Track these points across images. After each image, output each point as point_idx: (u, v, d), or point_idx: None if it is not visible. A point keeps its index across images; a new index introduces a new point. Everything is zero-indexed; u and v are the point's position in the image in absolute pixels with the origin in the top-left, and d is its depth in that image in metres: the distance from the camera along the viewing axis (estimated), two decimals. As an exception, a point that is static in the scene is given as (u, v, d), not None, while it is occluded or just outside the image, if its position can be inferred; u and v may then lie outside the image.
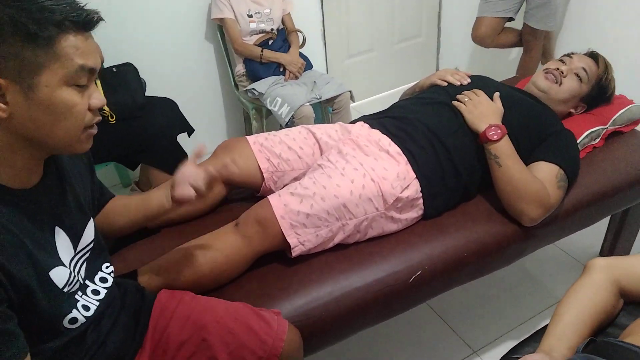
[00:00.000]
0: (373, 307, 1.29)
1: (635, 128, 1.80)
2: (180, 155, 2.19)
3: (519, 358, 0.93)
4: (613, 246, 1.88)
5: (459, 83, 1.65)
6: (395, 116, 1.56)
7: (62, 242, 0.90)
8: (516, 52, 3.13)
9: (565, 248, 2.09)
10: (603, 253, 2.00)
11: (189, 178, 1.08)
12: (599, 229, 1.90)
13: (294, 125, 2.06)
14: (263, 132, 2.21)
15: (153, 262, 1.27)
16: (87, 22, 0.76)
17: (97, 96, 0.81)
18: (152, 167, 2.13)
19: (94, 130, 0.84)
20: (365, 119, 1.62)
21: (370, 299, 1.28)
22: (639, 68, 2.23)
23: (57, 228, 0.89)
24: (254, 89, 2.44)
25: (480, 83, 1.65)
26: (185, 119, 2.30)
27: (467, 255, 1.38)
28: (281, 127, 2.58)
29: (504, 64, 3.32)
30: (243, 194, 1.63)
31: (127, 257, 1.38)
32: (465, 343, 1.75)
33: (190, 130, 2.32)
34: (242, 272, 1.31)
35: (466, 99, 1.53)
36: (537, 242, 1.50)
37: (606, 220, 1.87)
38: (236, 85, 2.68)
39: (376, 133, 1.51)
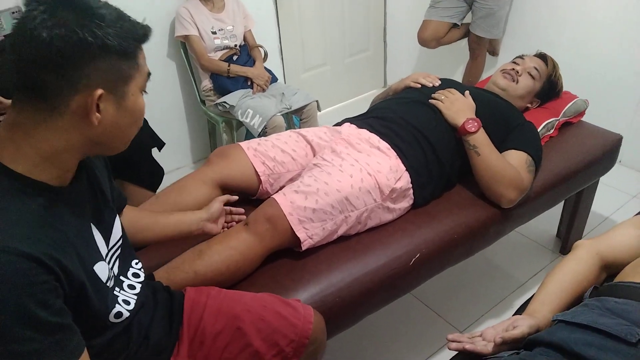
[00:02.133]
0: (381, 289, 1.39)
1: (582, 119, 2.04)
2: (156, 170, 2.20)
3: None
4: (570, 226, 2.09)
5: (431, 85, 1.81)
6: (380, 116, 1.68)
7: (97, 238, 0.92)
8: (459, 62, 3.39)
9: (525, 233, 2.29)
10: (560, 235, 2.22)
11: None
12: (552, 214, 2.11)
13: (267, 135, 2.13)
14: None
15: (168, 265, 1.30)
16: (149, 35, 0.84)
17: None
18: (130, 183, 2.12)
19: None
20: (351, 120, 1.73)
21: (378, 282, 1.38)
22: (571, 67, 2.50)
23: (92, 225, 0.92)
24: (225, 102, 2.49)
25: (450, 84, 1.81)
26: (156, 133, 2.31)
27: (457, 237, 1.52)
28: (247, 138, 2.65)
29: (447, 72, 3.57)
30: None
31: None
32: (452, 325, 1.88)
33: (160, 145, 2.33)
34: (254, 269, 1.36)
35: (442, 97, 1.68)
36: (513, 222, 1.67)
37: (559, 206, 2.09)
38: (202, 101, 2.72)
39: (364, 132, 1.62)
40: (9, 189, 0.76)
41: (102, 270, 0.89)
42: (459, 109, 1.63)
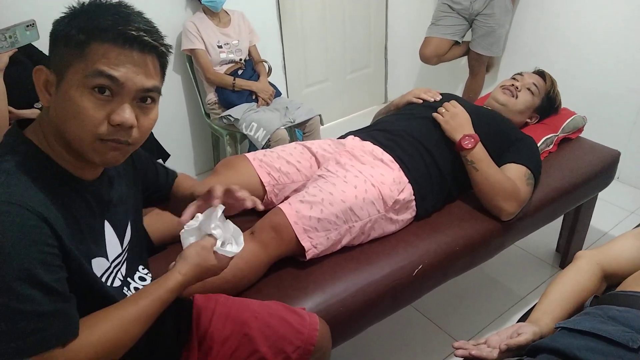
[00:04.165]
0: (384, 299, 1.41)
1: (580, 135, 2.08)
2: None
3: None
4: (569, 241, 2.11)
5: (432, 99, 1.84)
6: (383, 129, 1.72)
7: (110, 237, 0.95)
8: (459, 79, 3.44)
9: (525, 247, 2.31)
10: (559, 249, 2.25)
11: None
12: (552, 229, 2.14)
13: (270, 148, 2.16)
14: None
15: (175, 272, 1.32)
16: (125, 38, 0.78)
17: (120, 113, 0.79)
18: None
19: (115, 145, 0.82)
20: (355, 133, 1.77)
21: (382, 292, 1.40)
22: (570, 84, 2.55)
23: (106, 222, 0.94)
24: (229, 115, 2.53)
25: (450, 99, 1.85)
26: (161, 145, 2.34)
27: (459, 249, 1.54)
28: (250, 151, 2.68)
29: (447, 89, 3.60)
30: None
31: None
32: (452, 337, 1.89)
33: (165, 156, 2.36)
34: (259, 277, 1.38)
35: (443, 111, 1.71)
36: (514, 235, 1.69)
37: (559, 221, 2.12)
38: (207, 114, 2.76)
39: (368, 144, 1.65)
40: (35, 163, 0.81)
41: (99, 265, 0.91)
42: (457, 124, 1.65)
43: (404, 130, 1.67)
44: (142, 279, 1.06)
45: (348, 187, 1.48)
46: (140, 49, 0.80)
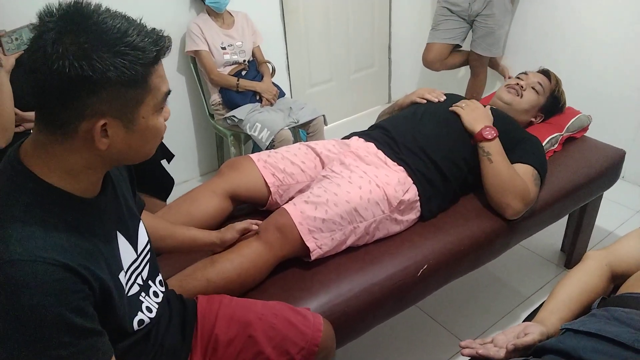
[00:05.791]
0: (389, 299, 1.41)
1: (585, 134, 2.07)
2: (166, 180, 2.24)
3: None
4: (574, 240, 2.11)
5: (437, 100, 1.84)
6: (387, 131, 1.72)
7: (124, 246, 0.95)
8: (462, 79, 3.44)
9: (530, 247, 2.31)
10: (564, 249, 2.24)
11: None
12: (557, 228, 2.13)
13: (274, 148, 2.17)
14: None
15: (181, 273, 1.32)
16: (166, 50, 0.80)
17: (167, 109, 0.87)
18: (140, 192, 2.14)
19: None
20: (359, 134, 1.77)
21: (386, 293, 1.40)
22: (574, 83, 2.53)
23: (118, 233, 0.94)
24: (233, 116, 2.54)
25: (455, 99, 1.85)
26: (165, 145, 2.34)
27: (464, 249, 1.54)
28: (254, 151, 2.68)
29: (450, 89, 3.59)
30: (246, 210, 1.70)
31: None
32: (457, 337, 1.88)
33: (170, 157, 2.36)
34: (264, 278, 1.39)
35: (463, 105, 1.75)
36: (519, 235, 1.69)
37: (564, 220, 2.11)
38: (211, 115, 2.77)
39: (372, 146, 1.65)
40: (45, 200, 0.78)
41: (124, 279, 0.92)
42: (478, 116, 1.69)
43: (407, 132, 1.67)
44: (161, 283, 1.07)
45: (353, 187, 1.48)
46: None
